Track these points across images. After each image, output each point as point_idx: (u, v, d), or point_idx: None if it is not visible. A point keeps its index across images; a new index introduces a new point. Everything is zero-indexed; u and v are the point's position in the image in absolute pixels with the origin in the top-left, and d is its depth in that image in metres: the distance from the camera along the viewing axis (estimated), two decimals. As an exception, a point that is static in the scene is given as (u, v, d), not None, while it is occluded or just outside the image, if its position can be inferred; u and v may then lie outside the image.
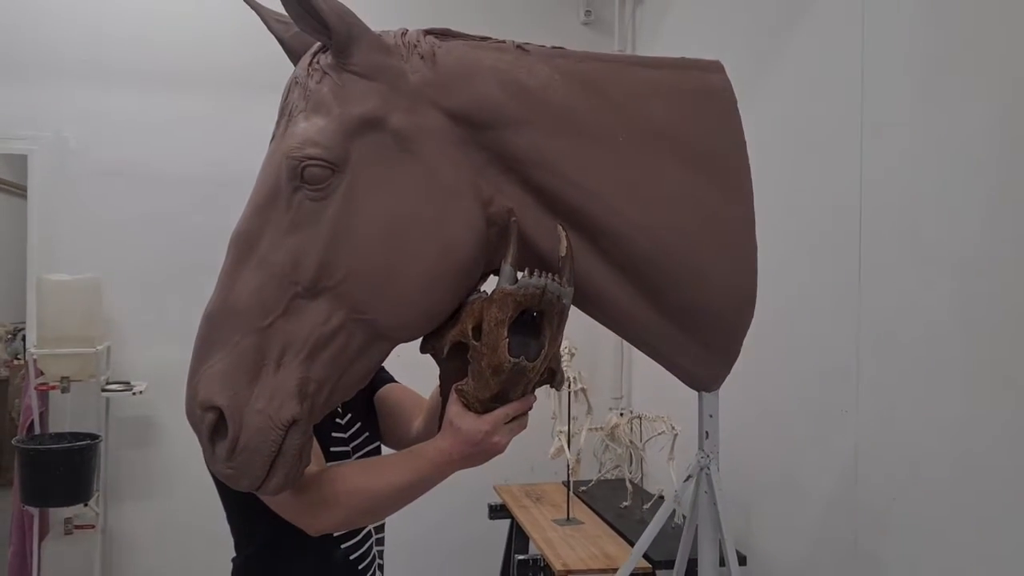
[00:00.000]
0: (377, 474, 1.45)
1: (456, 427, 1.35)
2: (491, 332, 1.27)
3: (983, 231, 2.09)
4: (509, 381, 1.30)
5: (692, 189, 1.45)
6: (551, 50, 1.44)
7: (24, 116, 4.15)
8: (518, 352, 1.28)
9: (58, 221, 4.16)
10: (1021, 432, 1.97)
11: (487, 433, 1.34)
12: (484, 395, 1.32)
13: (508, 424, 1.37)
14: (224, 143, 4.16)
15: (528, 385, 1.35)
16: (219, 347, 1.25)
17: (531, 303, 1.28)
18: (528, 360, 1.29)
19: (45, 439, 3.88)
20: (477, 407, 1.34)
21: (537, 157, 1.36)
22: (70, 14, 4.19)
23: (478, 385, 1.32)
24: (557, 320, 1.32)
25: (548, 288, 1.28)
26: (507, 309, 1.27)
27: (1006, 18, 2.04)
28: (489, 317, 1.28)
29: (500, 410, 1.34)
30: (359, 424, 1.75)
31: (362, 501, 1.44)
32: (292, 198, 1.27)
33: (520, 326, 1.30)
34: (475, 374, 1.31)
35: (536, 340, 1.31)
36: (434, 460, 1.38)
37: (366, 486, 1.43)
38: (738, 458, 3.19)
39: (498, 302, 1.27)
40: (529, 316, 1.31)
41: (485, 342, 1.28)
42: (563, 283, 1.31)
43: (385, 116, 1.28)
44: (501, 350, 1.27)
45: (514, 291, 1.27)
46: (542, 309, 1.29)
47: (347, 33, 1.26)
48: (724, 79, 1.54)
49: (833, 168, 2.68)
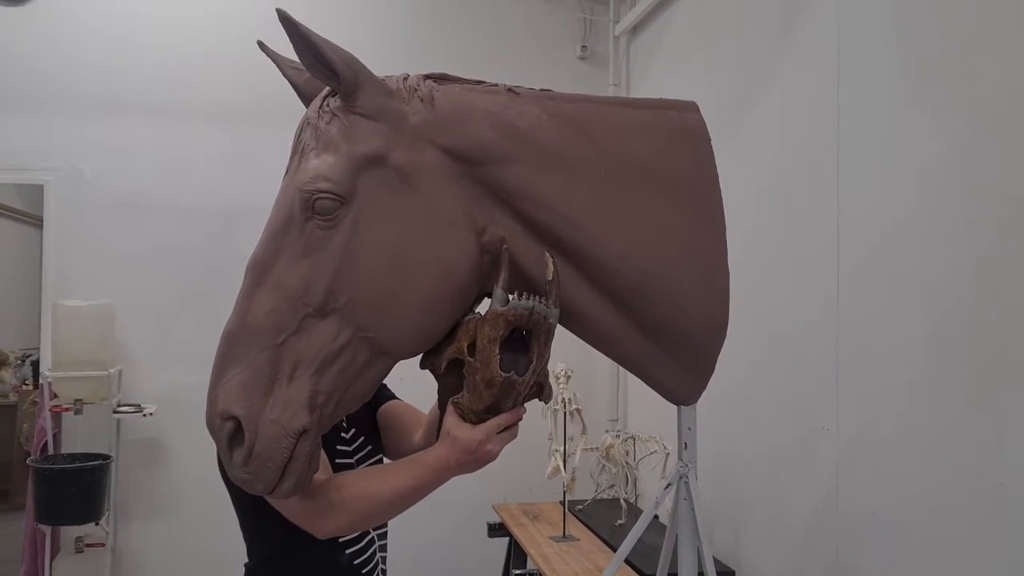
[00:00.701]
0: (380, 480, 1.58)
1: (453, 436, 1.48)
2: (484, 349, 1.40)
3: (950, 252, 2.22)
4: (501, 394, 1.43)
5: (670, 220, 1.58)
6: (540, 92, 1.58)
7: (41, 148, 4.31)
8: (509, 367, 1.41)
9: (73, 249, 4.31)
10: (987, 444, 2.09)
11: (481, 442, 1.47)
12: (478, 407, 1.45)
13: (500, 434, 1.49)
14: (234, 175, 4.32)
15: (518, 398, 1.48)
16: (237, 362, 1.38)
17: (520, 323, 1.41)
18: (518, 374, 1.42)
19: (58, 459, 3.99)
20: (472, 418, 1.47)
21: (526, 191, 1.49)
22: (86, 50, 4.36)
23: (473, 398, 1.44)
24: (544, 338, 1.45)
25: (536, 309, 1.41)
26: (499, 328, 1.40)
27: (965, 53, 2.19)
28: (482, 335, 1.40)
29: (493, 420, 1.47)
30: (362, 438, 1.87)
31: (367, 505, 1.56)
32: (304, 227, 1.40)
33: (511, 344, 1.42)
34: (470, 388, 1.44)
35: (525, 356, 1.44)
36: (433, 466, 1.51)
37: (370, 491, 1.56)
38: (726, 473, 3.31)
39: (490, 322, 1.40)
40: (519, 335, 1.43)
41: (479, 358, 1.40)
42: (549, 304, 1.43)
43: (388, 154, 1.42)
44: (493, 366, 1.39)
45: (505, 312, 1.40)
46: (531, 328, 1.42)
47: (354, 79, 1.40)
48: (699, 118, 1.66)
49: (812, 194, 2.83)
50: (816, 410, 2.77)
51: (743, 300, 2.76)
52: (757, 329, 3.11)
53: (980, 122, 2.14)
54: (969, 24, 2.19)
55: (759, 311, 3.10)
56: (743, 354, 3.11)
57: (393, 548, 1.93)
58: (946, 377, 2.23)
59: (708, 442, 3.14)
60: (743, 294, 2.61)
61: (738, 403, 3.24)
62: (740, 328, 2.73)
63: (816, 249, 2.79)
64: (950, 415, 2.21)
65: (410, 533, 2.41)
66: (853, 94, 2.65)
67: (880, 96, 2.52)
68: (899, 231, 2.41)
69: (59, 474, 3.81)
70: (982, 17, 2.15)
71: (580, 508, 3.89)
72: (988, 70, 2.13)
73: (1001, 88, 2.09)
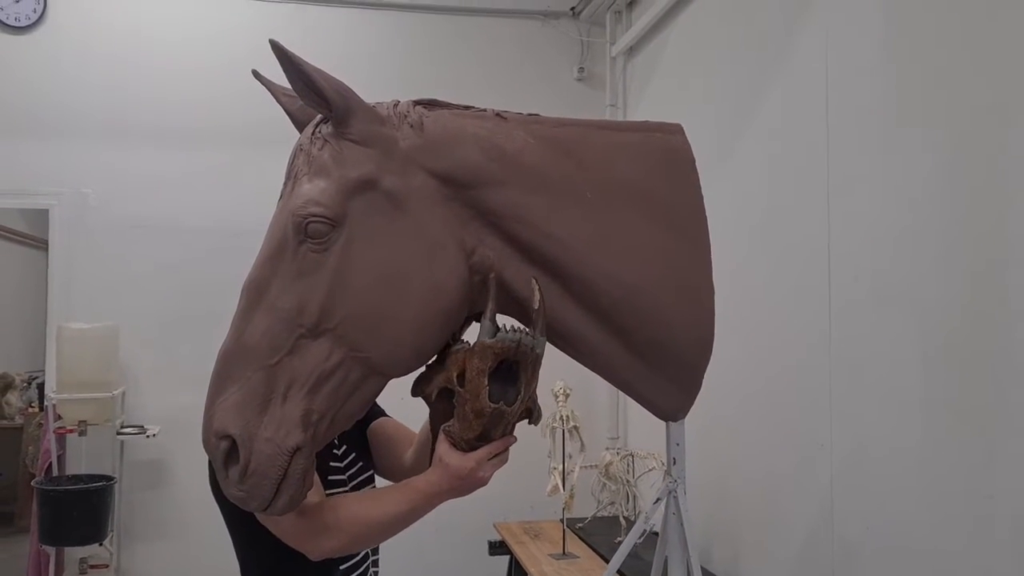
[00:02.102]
0: (374, 503, 1.62)
1: (445, 463, 1.52)
2: (473, 380, 1.43)
3: (940, 272, 2.25)
4: (490, 423, 1.47)
5: (655, 240, 1.62)
6: (527, 116, 1.62)
7: (46, 173, 4.38)
8: (498, 398, 1.44)
9: (77, 272, 4.36)
10: (977, 458, 2.12)
11: (473, 469, 1.51)
12: (469, 435, 1.49)
13: (491, 460, 1.53)
14: (235, 197, 4.38)
15: (508, 426, 1.52)
16: (232, 382, 1.42)
17: (508, 354, 1.44)
18: (507, 405, 1.45)
19: (62, 481, 4.03)
20: (463, 446, 1.51)
21: (514, 212, 1.52)
22: (90, 75, 4.44)
23: (463, 427, 1.48)
24: (531, 368, 1.48)
25: (523, 341, 1.44)
26: (487, 360, 1.43)
27: (952, 74, 2.23)
28: (471, 367, 1.44)
29: (483, 449, 1.51)
30: (353, 455, 1.90)
31: (361, 528, 1.60)
32: (297, 250, 1.43)
33: (499, 374, 1.45)
34: (460, 417, 1.48)
35: (513, 387, 1.47)
36: (425, 492, 1.55)
37: (364, 514, 1.60)
38: (724, 492, 3.34)
39: (479, 353, 1.43)
40: (507, 365, 1.46)
41: (468, 389, 1.44)
42: (535, 335, 1.46)
43: (379, 178, 1.46)
44: (483, 397, 1.43)
45: (492, 344, 1.43)
46: (518, 359, 1.45)
47: (345, 106, 1.44)
48: (684, 140, 1.69)
49: (803, 214, 2.87)
50: (811, 429, 2.79)
51: (737, 321, 2.80)
52: (751, 349, 3.14)
53: (968, 142, 2.17)
54: (955, 44, 2.23)
55: (752, 331, 3.13)
56: (738, 375, 3.14)
57: (395, 566, 1.96)
58: (937, 394, 2.25)
59: (706, 461, 3.19)
60: (736, 315, 2.65)
61: (734, 423, 3.27)
62: (734, 349, 2.78)
63: (808, 269, 2.82)
64: (942, 430, 2.24)
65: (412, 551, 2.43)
66: (842, 114, 2.69)
67: (869, 117, 2.56)
68: (890, 251, 2.44)
69: (63, 495, 3.85)
70: (968, 37, 2.19)
71: (580, 526, 3.91)
72: (975, 90, 2.17)
73: (988, 108, 2.12)
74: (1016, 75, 2.03)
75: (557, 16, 4.96)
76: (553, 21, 4.96)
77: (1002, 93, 2.07)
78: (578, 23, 4.97)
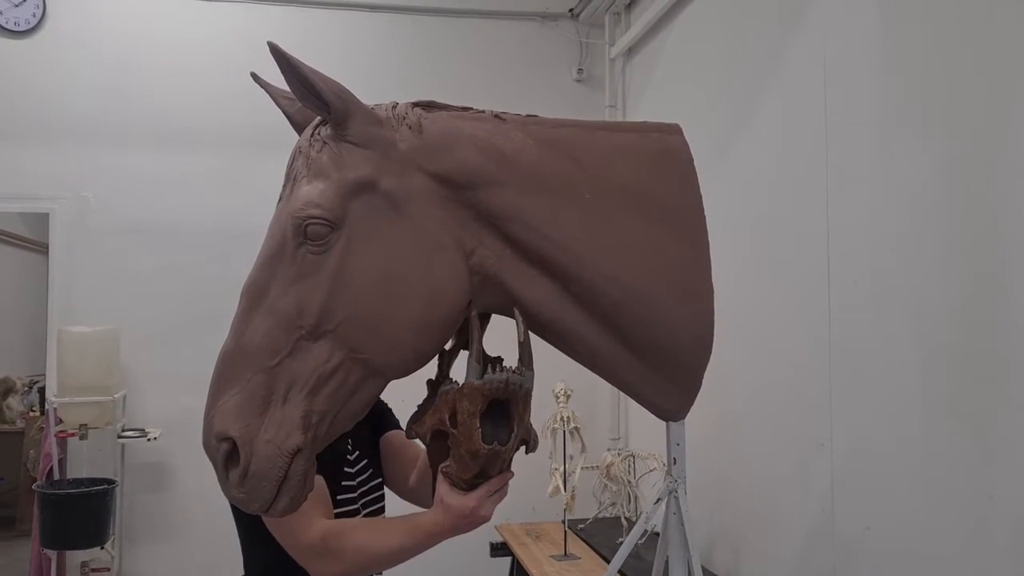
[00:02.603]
0: (380, 536, 1.65)
1: (447, 504, 1.53)
2: (465, 423, 1.43)
3: (937, 274, 2.25)
4: (486, 463, 1.46)
5: (654, 240, 1.62)
6: (525, 118, 1.62)
7: (46, 177, 4.39)
8: (491, 438, 1.43)
9: (78, 276, 4.37)
10: (975, 459, 2.12)
11: (474, 508, 1.52)
12: (467, 475, 1.49)
13: (491, 497, 1.54)
14: (235, 199, 4.38)
15: (504, 463, 1.52)
16: (232, 384, 1.42)
17: (497, 395, 1.43)
18: (500, 444, 1.44)
19: (64, 484, 4.03)
20: (462, 485, 1.51)
21: (513, 213, 1.53)
22: (90, 79, 4.44)
23: (460, 467, 1.48)
24: (522, 404, 1.47)
25: (510, 381, 1.43)
26: (476, 403, 1.42)
27: (949, 75, 2.23)
28: (461, 409, 1.43)
29: (482, 488, 1.51)
30: (365, 462, 1.94)
31: (363, 559, 1.66)
32: (297, 252, 1.44)
33: (490, 413, 1.44)
34: (456, 458, 1.48)
35: (506, 426, 1.46)
36: (430, 531, 1.58)
37: (368, 546, 1.64)
38: (725, 492, 3.34)
39: (467, 396, 1.43)
40: (498, 403, 1.45)
41: (460, 432, 1.43)
42: (523, 372, 1.46)
43: (377, 180, 1.46)
44: (476, 439, 1.42)
45: (480, 386, 1.42)
46: (507, 398, 1.44)
47: (344, 109, 1.45)
48: (682, 140, 1.70)
49: (802, 215, 2.87)
50: (811, 429, 2.79)
51: (737, 321, 2.81)
52: (751, 350, 3.14)
53: (967, 142, 2.18)
54: (953, 44, 2.23)
55: (752, 332, 3.13)
56: (738, 375, 3.15)
57: (396, 570, 1.96)
58: (937, 394, 2.25)
59: (706, 462, 3.19)
60: (736, 316, 2.65)
61: (734, 424, 3.27)
62: (734, 349, 2.78)
63: (808, 270, 2.82)
64: (941, 431, 2.24)
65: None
66: (840, 115, 2.69)
67: (867, 118, 2.56)
68: (889, 252, 2.44)
69: (64, 499, 3.85)
70: (966, 37, 2.19)
71: (581, 527, 3.91)
72: (972, 90, 2.17)
73: (986, 108, 2.13)
74: (1014, 75, 2.04)
75: (556, 18, 4.97)
76: (552, 23, 4.97)
77: (1000, 94, 2.08)
78: (577, 24, 4.98)
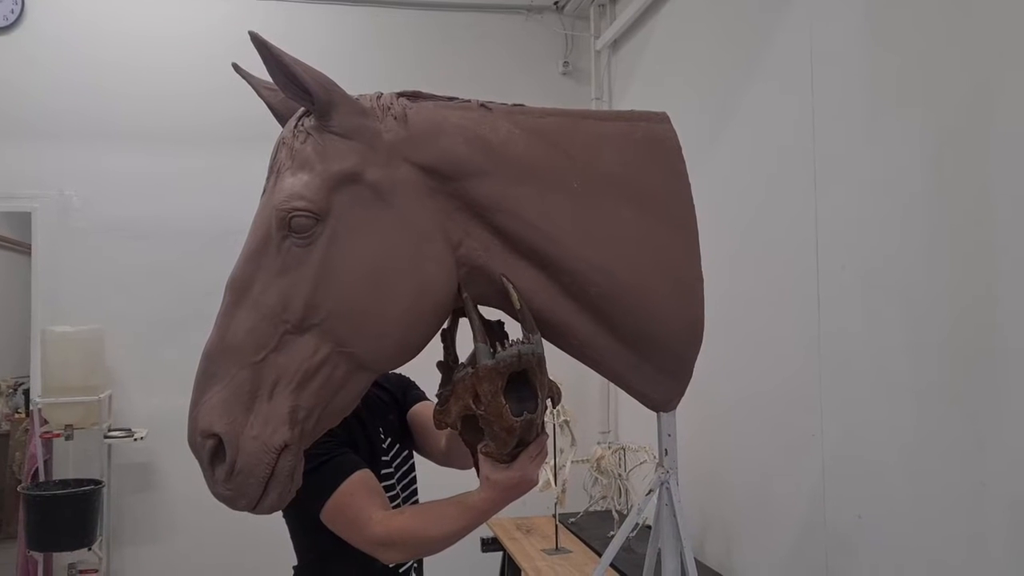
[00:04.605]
0: (435, 522, 1.64)
1: (493, 481, 1.52)
2: (491, 404, 1.41)
3: (926, 260, 2.25)
4: (523, 432, 1.46)
5: (642, 229, 1.60)
6: (512, 107, 1.60)
7: (27, 176, 4.34)
8: (519, 410, 1.43)
9: (61, 275, 4.32)
10: (968, 446, 2.12)
11: (520, 478, 1.51)
12: (506, 449, 1.48)
13: (533, 462, 1.52)
14: (220, 197, 4.34)
15: (539, 426, 1.51)
16: (217, 380, 1.40)
17: (513, 368, 1.41)
18: (530, 413, 1.44)
19: (49, 485, 3.98)
20: (505, 458, 1.50)
21: (499, 204, 1.51)
22: (71, 75, 4.39)
23: (498, 444, 1.47)
24: (539, 370, 1.46)
25: (522, 352, 1.42)
26: (495, 381, 1.41)
27: (936, 65, 2.23)
28: (483, 392, 1.41)
29: (523, 456, 1.50)
30: (398, 446, 1.99)
31: (420, 544, 1.68)
32: (281, 245, 1.42)
33: (512, 385, 1.43)
34: (492, 436, 1.46)
35: (530, 394, 1.45)
36: (482, 508, 1.57)
37: (425, 533, 1.64)
38: (717, 484, 3.33)
39: (485, 378, 1.41)
40: (516, 374, 1.43)
41: (489, 412, 1.42)
42: (529, 339, 1.45)
43: (362, 171, 1.44)
44: (506, 415, 1.41)
45: (495, 365, 1.40)
46: (524, 368, 1.43)
47: (327, 99, 1.43)
48: (669, 128, 1.68)
49: (790, 203, 2.86)
50: (801, 419, 2.79)
51: (726, 312, 2.80)
52: (740, 339, 3.14)
53: (954, 129, 2.17)
54: (939, 32, 2.23)
55: (741, 321, 3.12)
56: (728, 366, 3.14)
57: (388, 566, 1.97)
58: (928, 382, 2.25)
59: (697, 453, 3.18)
60: (726, 306, 2.64)
61: (724, 414, 3.26)
62: (724, 340, 2.77)
63: (796, 258, 2.82)
64: (932, 418, 2.24)
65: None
66: (827, 104, 2.69)
67: (854, 106, 2.55)
68: (877, 239, 2.44)
69: (51, 500, 3.81)
70: (951, 25, 2.19)
71: (572, 520, 3.90)
72: (960, 77, 2.16)
73: (973, 95, 2.12)
74: (1000, 63, 2.03)
75: (541, 11, 4.95)
76: (537, 16, 4.95)
77: (987, 81, 2.07)
78: (562, 17, 4.96)
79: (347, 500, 1.67)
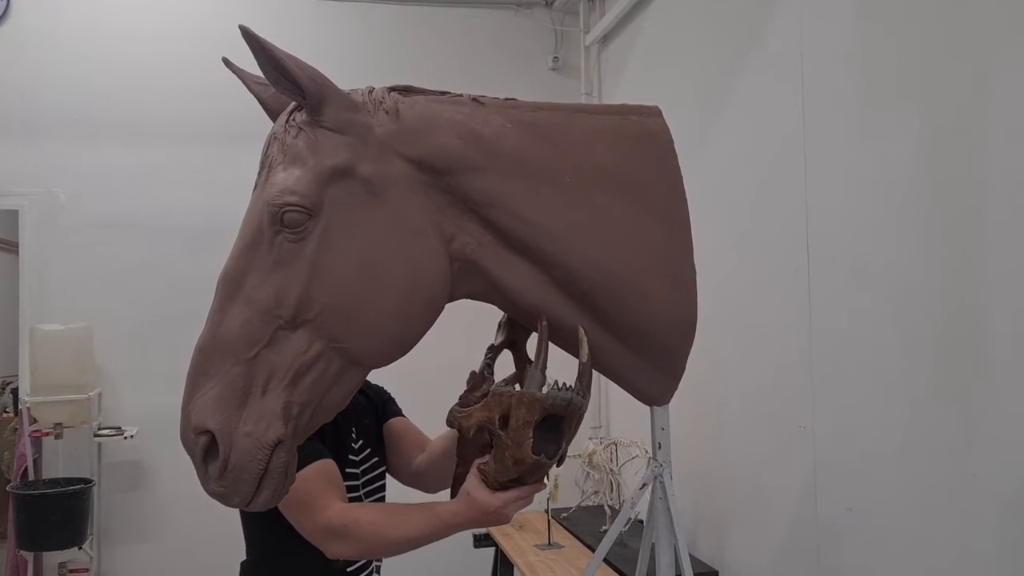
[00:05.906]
0: (397, 521, 1.61)
1: (473, 498, 1.49)
2: (518, 430, 1.39)
3: (917, 254, 2.26)
4: (528, 471, 1.44)
5: (635, 224, 1.60)
6: (504, 101, 1.60)
7: (14, 173, 4.31)
8: (540, 450, 1.40)
9: (50, 273, 4.30)
10: (958, 438, 2.12)
11: (499, 508, 1.48)
12: (503, 478, 1.46)
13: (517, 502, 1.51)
14: (209, 193, 4.32)
15: (544, 475, 1.49)
16: (210, 376, 1.39)
17: (556, 411, 1.40)
18: (548, 458, 1.42)
19: (39, 485, 3.97)
20: (495, 485, 1.48)
21: (492, 198, 1.50)
22: (58, 71, 4.37)
23: (499, 469, 1.45)
24: (575, 425, 1.45)
25: (573, 401, 1.40)
26: (535, 413, 1.38)
27: (927, 60, 2.23)
28: (517, 416, 1.39)
29: (514, 492, 1.48)
30: (369, 450, 1.95)
31: (378, 543, 1.64)
32: (274, 240, 1.41)
33: (542, 425, 1.41)
34: (497, 459, 1.44)
35: (555, 440, 1.43)
36: (448, 521, 1.54)
37: (385, 532, 1.61)
38: (709, 477, 3.34)
39: (527, 405, 1.39)
40: (550, 417, 1.41)
41: (511, 437, 1.40)
42: (584, 395, 1.43)
43: (355, 166, 1.43)
44: (526, 448, 1.39)
45: (543, 399, 1.38)
46: (564, 415, 1.41)
47: (319, 94, 1.42)
48: (661, 122, 1.68)
49: (781, 198, 2.87)
50: (793, 412, 2.80)
51: (717, 305, 2.79)
52: (732, 334, 3.14)
53: (946, 124, 2.17)
54: (931, 27, 2.23)
55: (733, 315, 3.13)
56: (719, 360, 3.15)
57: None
58: (918, 375, 2.26)
59: (690, 447, 3.19)
60: (716, 300, 2.64)
61: (716, 408, 3.27)
62: (715, 334, 2.77)
63: (787, 252, 2.82)
64: (923, 411, 2.24)
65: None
66: (818, 98, 2.69)
67: (845, 100, 2.56)
68: (868, 232, 2.45)
69: (40, 500, 3.79)
70: (944, 19, 2.19)
71: (565, 516, 3.90)
72: (951, 73, 2.17)
73: (965, 91, 2.13)
74: (992, 58, 2.04)
75: (530, 6, 4.94)
76: (526, 11, 4.94)
77: (980, 74, 2.08)
78: (551, 12, 4.96)
79: (302, 484, 1.61)
